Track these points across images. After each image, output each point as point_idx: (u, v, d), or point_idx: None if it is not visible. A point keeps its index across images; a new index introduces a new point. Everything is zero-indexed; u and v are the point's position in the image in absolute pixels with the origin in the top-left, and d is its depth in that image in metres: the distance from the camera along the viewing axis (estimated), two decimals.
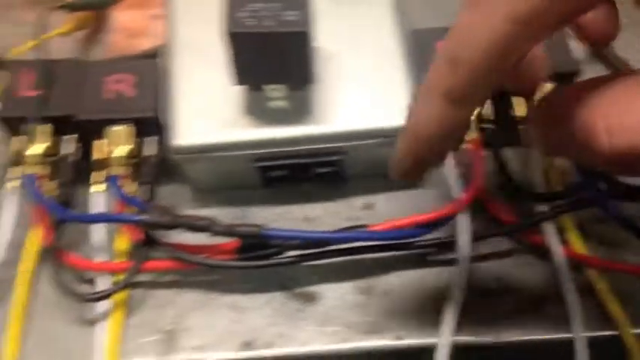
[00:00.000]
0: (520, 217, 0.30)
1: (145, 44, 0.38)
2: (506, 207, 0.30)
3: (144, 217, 0.28)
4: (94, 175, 0.30)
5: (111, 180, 0.29)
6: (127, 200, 0.29)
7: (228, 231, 0.28)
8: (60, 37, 0.36)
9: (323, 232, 0.28)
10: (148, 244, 0.29)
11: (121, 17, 0.39)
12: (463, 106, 0.18)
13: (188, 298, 0.30)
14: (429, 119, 0.19)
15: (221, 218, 0.28)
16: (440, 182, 0.32)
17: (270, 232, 0.27)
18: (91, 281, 0.30)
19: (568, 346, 0.28)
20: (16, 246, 0.30)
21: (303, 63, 0.26)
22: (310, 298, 0.29)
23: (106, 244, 0.30)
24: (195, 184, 0.32)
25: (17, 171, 0.30)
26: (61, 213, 0.28)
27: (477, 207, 0.30)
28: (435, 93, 0.18)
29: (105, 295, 0.28)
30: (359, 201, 0.32)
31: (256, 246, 0.29)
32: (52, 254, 0.28)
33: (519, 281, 0.29)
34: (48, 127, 0.30)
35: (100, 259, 0.30)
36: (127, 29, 0.39)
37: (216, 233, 0.28)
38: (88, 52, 0.38)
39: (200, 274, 0.30)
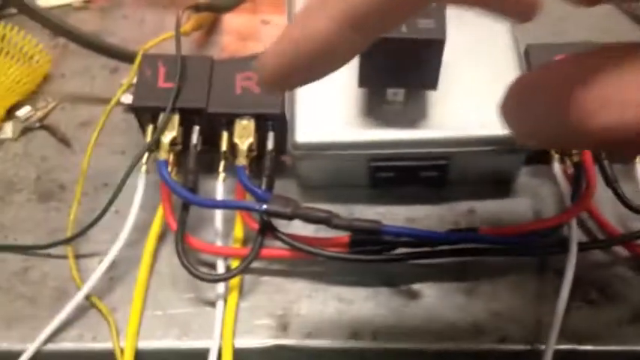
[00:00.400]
0: (625, 230, 0.30)
1: (256, 47, 0.40)
2: (610, 220, 0.31)
3: (268, 206, 0.29)
4: (220, 166, 0.32)
5: (238, 169, 0.31)
6: (250, 189, 0.30)
7: (348, 225, 0.29)
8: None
9: (439, 232, 0.30)
10: (264, 232, 0.31)
11: (233, 21, 0.42)
12: (362, 32, 0.15)
13: (297, 286, 0.31)
14: (318, 35, 0.15)
15: None
16: (539, 191, 0.34)
17: (390, 228, 0.29)
18: (207, 264, 0.32)
19: None
20: (142, 228, 0.32)
21: (433, 70, 0.28)
22: (414, 295, 0.31)
23: (224, 231, 0.32)
24: (305, 181, 0.34)
25: (149, 158, 0.32)
26: (189, 197, 0.30)
27: (584, 217, 0.31)
28: (333, 8, 0.15)
29: (225, 277, 0.30)
30: (461, 206, 0.34)
31: (366, 242, 0.31)
32: (177, 236, 0.30)
33: (621, 293, 0.30)
34: (178, 118, 0.32)
35: (219, 244, 0.31)
36: (239, 33, 0.41)
37: (336, 227, 0.29)
38: (201, 51, 0.40)
39: (307, 266, 0.32)
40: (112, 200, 0.31)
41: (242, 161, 0.31)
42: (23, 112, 0.38)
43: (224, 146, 0.32)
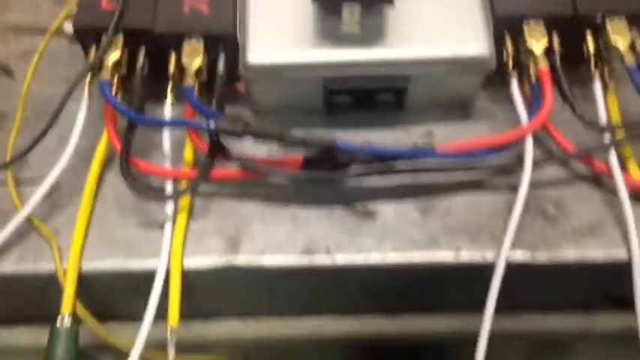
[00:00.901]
0: (581, 146, 0.30)
1: None
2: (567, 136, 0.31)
3: (218, 123, 0.28)
4: (168, 88, 0.31)
5: (185, 89, 0.30)
6: (199, 109, 0.29)
7: (302, 141, 0.28)
8: None
9: (395, 147, 0.29)
10: (214, 153, 0.30)
11: None
12: None
13: (249, 208, 0.30)
14: None
15: None
16: (497, 114, 0.33)
17: (345, 144, 0.28)
18: (156, 189, 0.30)
19: (625, 267, 0.28)
20: (87, 156, 0.31)
21: None
22: (370, 215, 0.30)
23: (173, 156, 0.31)
24: (258, 106, 0.33)
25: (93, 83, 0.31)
26: (133, 115, 0.29)
27: (540, 134, 0.30)
28: None
29: (173, 196, 0.29)
30: (418, 129, 0.33)
31: (319, 161, 0.30)
32: (121, 153, 0.29)
33: (577, 207, 0.30)
34: (122, 39, 0.31)
35: (168, 166, 0.30)
36: None
37: (288, 144, 0.28)
38: None
39: (260, 187, 0.31)
40: (50, 123, 0.30)
41: (190, 81, 0.30)
42: None
43: (172, 68, 0.31)
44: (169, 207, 0.29)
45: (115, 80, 0.31)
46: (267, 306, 0.31)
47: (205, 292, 0.30)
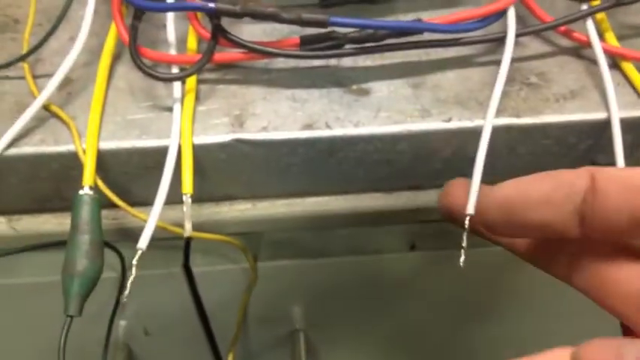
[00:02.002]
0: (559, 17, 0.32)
1: None
2: (548, 12, 0.32)
3: (216, 4, 0.30)
4: None
5: None
6: None
7: (296, 18, 0.30)
8: None
9: (386, 20, 0.31)
10: (216, 37, 0.31)
11: None
12: None
13: (251, 91, 0.32)
14: None
15: None
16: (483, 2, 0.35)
17: (338, 19, 0.30)
18: (165, 72, 0.32)
19: (605, 127, 0.30)
20: (97, 52, 0.33)
21: None
22: (365, 92, 0.32)
23: (177, 45, 0.33)
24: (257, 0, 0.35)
25: None
26: (137, 2, 0.31)
27: (522, 13, 0.32)
28: None
29: (181, 76, 0.31)
30: (407, 17, 0.35)
31: (316, 40, 0.32)
32: (130, 40, 0.31)
33: (560, 76, 0.32)
34: None
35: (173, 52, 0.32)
36: None
37: (284, 21, 0.30)
38: None
39: (260, 74, 0.33)
40: (61, 16, 0.32)
41: None
42: None
43: None
44: (177, 89, 0.31)
45: None
46: (273, 187, 0.33)
47: (215, 172, 0.32)
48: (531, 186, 0.21)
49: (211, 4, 0.30)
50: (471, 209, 0.26)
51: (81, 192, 0.29)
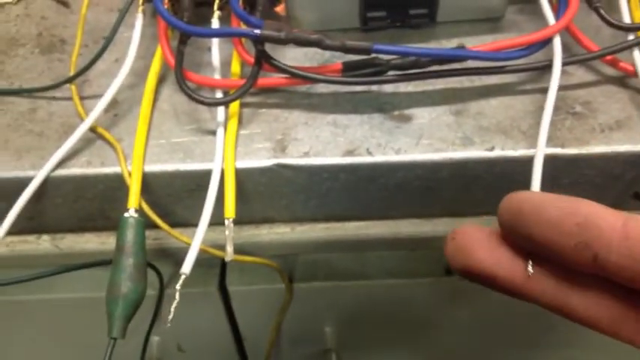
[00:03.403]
0: (605, 47, 0.32)
1: None
2: (593, 41, 0.32)
3: (262, 31, 0.30)
4: (215, 4, 0.33)
5: (231, 1, 0.32)
6: (245, 17, 0.31)
7: (339, 45, 0.30)
8: None
9: (430, 48, 0.31)
10: (260, 62, 0.32)
11: None
12: None
13: (293, 116, 0.32)
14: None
15: None
16: (525, 27, 0.35)
17: (381, 46, 0.30)
18: (209, 97, 0.33)
19: None
20: (142, 74, 0.33)
21: None
22: (406, 119, 0.32)
23: (222, 70, 0.33)
24: (299, 24, 0.35)
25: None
26: (185, 27, 0.31)
27: (568, 41, 0.32)
28: None
29: (225, 101, 0.31)
30: (450, 44, 0.35)
31: (358, 66, 0.32)
32: (176, 65, 0.31)
33: (605, 106, 0.31)
34: None
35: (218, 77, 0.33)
36: None
37: (327, 48, 0.30)
38: None
39: (303, 98, 0.33)
40: (108, 40, 0.33)
41: None
42: None
43: None
44: (221, 113, 0.32)
45: (166, 1, 0.33)
46: (312, 211, 0.33)
47: (256, 196, 0.32)
48: (550, 203, 0.19)
49: (256, 31, 0.30)
50: None
51: (126, 214, 0.29)
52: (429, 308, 0.40)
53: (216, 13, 0.33)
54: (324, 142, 0.31)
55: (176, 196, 0.32)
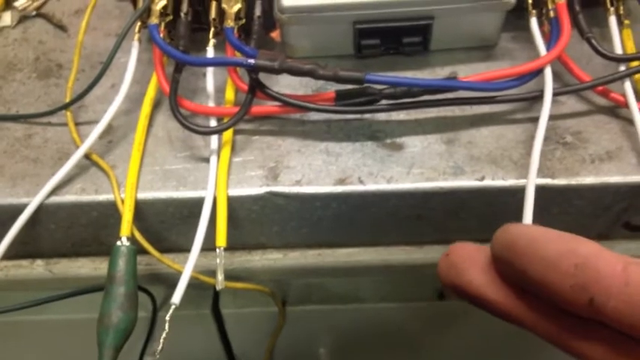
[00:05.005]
0: (597, 77, 0.32)
1: None
2: (585, 71, 0.32)
3: (257, 60, 0.31)
4: (210, 32, 0.34)
5: (226, 30, 0.32)
6: (239, 47, 0.32)
7: (332, 75, 0.30)
8: None
9: (422, 78, 0.31)
10: (254, 90, 0.32)
11: None
12: None
13: (287, 143, 0.33)
14: None
15: None
16: (518, 55, 0.35)
17: (374, 76, 0.30)
18: (202, 125, 0.33)
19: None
20: (137, 99, 0.34)
21: None
22: (398, 147, 0.32)
23: (216, 97, 0.33)
24: (292, 51, 0.35)
25: (141, 31, 0.34)
26: (180, 56, 0.32)
27: (559, 70, 0.32)
28: None
29: (218, 130, 0.31)
30: (444, 71, 0.35)
31: (350, 96, 0.32)
32: (171, 92, 0.32)
33: (596, 136, 0.32)
34: None
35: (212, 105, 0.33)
36: None
37: (320, 77, 0.31)
38: None
39: (295, 125, 0.33)
40: (105, 67, 0.33)
41: (230, 24, 0.33)
42: (21, 1, 0.39)
43: (213, 14, 0.34)
44: (214, 141, 0.32)
45: (162, 27, 0.33)
46: (304, 238, 0.34)
47: (248, 223, 0.32)
48: (548, 239, 0.18)
49: (251, 60, 0.31)
50: None
51: (118, 243, 0.29)
52: (422, 332, 0.40)
53: (212, 42, 0.34)
54: (317, 170, 0.32)
55: (169, 222, 0.32)
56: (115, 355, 0.27)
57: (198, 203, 0.31)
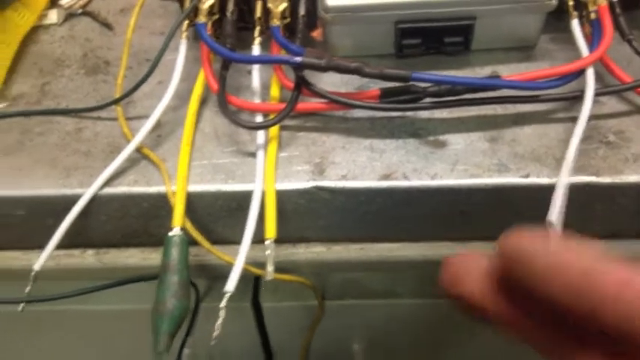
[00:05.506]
0: (638, 78, 0.32)
1: None
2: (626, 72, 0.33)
3: (303, 58, 0.31)
4: (255, 31, 0.34)
5: (273, 29, 0.33)
6: (286, 45, 0.32)
7: (379, 73, 0.31)
8: None
9: (466, 77, 0.32)
10: (299, 87, 0.33)
11: None
12: None
13: (331, 139, 0.33)
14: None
15: None
16: (558, 56, 0.36)
17: (420, 75, 0.31)
18: (251, 121, 0.34)
19: None
20: (184, 96, 0.35)
21: None
22: (441, 145, 0.33)
23: (261, 95, 0.34)
24: (335, 51, 0.36)
25: (189, 28, 0.35)
26: (228, 53, 0.33)
27: (600, 71, 0.33)
28: None
29: (265, 125, 0.32)
30: (484, 71, 0.35)
31: (395, 93, 0.33)
32: (220, 89, 0.33)
33: (637, 134, 0.32)
34: None
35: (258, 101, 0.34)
36: None
37: (367, 75, 0.31)
38: None
39: (340, 122, 0.34)
40: (154, 65, 0.34)
41: (276, 22, 0.33)
42: (66, 0, 0.40)
43: (258, 13, 0.34)
44: (261, 136, 0.33)
45: (209, 26, 0.34)
46: (347, 232, 0.34)
47: (294, 216, 0.33)
48: (548, 251, 0.18)
49: (297, 58, 0.31)
50: None
51: (171, 233, 0.30)
52: (458, 330, 0.40)
53: (257, 40, 0.34)
54: (361, 166, 0.32)
55: (216, 215, 0.33)
56: (170, 341, 0.28)
57: (246, 196, 0.31)
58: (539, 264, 0.17)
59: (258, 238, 0.31)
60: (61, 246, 0.32)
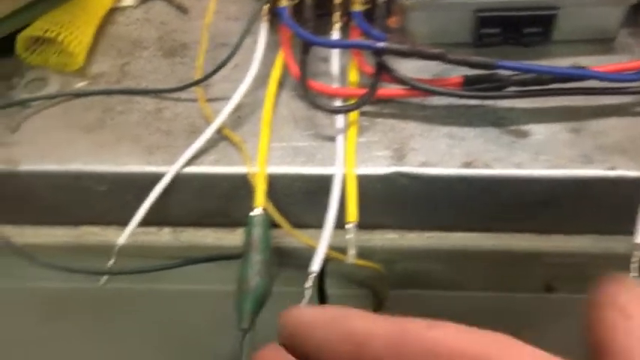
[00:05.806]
0: None
1: None
2: None
3: (386, 43, 0.31)
4: (334, 16, 0.35)
5: (354, 14, 0.33)
6: (367, 30, 0.33)
7: (462, 60, 0.31)
8: None
9: (552, 66, 0.31)
10: (380, 72, 0.33)
11: None
12: None
13: (409, 126, 0.33)
14: None
15: None
16: (637, 50, 0.35)
17: (505, 63, 0.31)
18: (331, 105, 0.34)
19: None
20: (262, 80, 0.35)
21: None
22: (523, 134, 0.33)
23: (340, 76, 0.34)
24: (411, 35, 0.36)
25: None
26: (309, 37, 0.33)
27: None
28: None
29: (346, 109, 0.32)
30: (565, 61, 0.35)
31: (479, 81, 0.33)
32: (302, 77, 0.33)
33: None
34: None
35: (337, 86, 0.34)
36: None
37: (450, 62, 0.31)
38: None
39: (418, 110, 0.34)
40: (235, 50, 0.34)
41: (358, 7, 0.34)
42: None
43: None
44: (340, 121, 0.33)
45: (289, 10, 0.34)
46: (422, 219, 0.34)
47: (371, 202, 0.33)
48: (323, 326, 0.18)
49: (380, 44, 0.32)
50: None
51: (253, 213, 0.30)
52: (523, 325, 0.40)
53: (337, 25, 0.35)
54: (441, 153, 0.32)
55: (293, 197, 0.33)
56: (254, 317, 0.28)
57: (326, 179, 0.31)
58: (315, 339, 0.17)
59: (338, 224, 0.31)
60: (139, 223, 0.33)
